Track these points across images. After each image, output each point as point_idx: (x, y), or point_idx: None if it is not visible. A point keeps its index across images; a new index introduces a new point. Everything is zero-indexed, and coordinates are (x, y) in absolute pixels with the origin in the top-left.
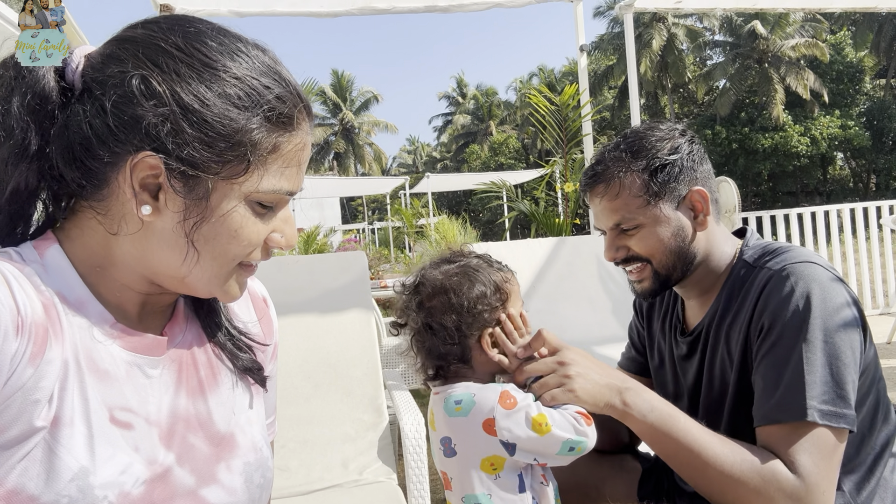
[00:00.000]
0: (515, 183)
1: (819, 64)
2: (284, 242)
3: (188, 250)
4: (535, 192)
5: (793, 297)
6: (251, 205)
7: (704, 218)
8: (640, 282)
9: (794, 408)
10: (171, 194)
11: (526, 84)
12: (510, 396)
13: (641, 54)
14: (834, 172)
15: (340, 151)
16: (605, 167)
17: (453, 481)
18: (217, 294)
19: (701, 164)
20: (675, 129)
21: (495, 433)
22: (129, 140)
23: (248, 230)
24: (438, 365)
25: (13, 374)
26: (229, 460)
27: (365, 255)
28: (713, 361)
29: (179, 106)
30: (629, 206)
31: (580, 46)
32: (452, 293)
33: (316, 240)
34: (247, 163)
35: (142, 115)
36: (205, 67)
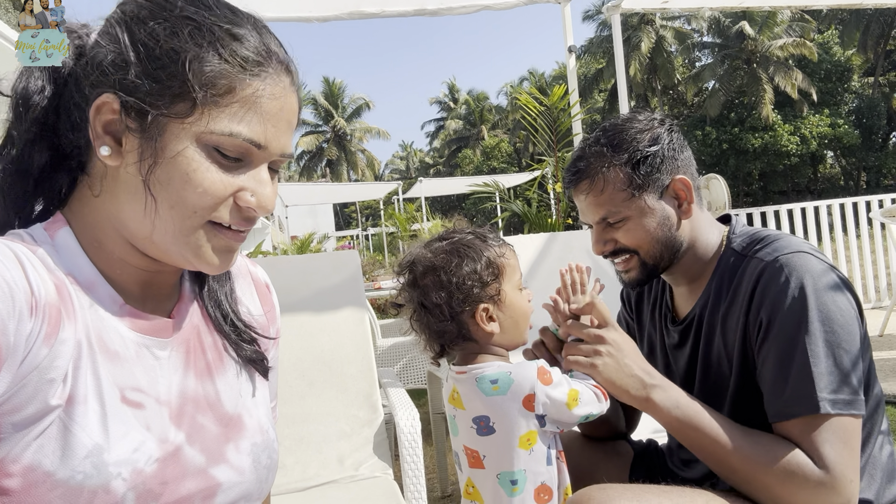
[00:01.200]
0: (508, 186)
1: (807, 63)
2: (255, 203)
3: (146, 197)
4: (527, 193)
5: (788, 290)
6: (206, 149)
7: (689, 206)
8: (627, 272)
9: (806, 401)
10: (129, 135)
11: (517, 88)
12: (546, 371)
13: (630, 57)
14: (824, 171)
15: (333, 158)
16: (588, 163)
17: (486, 459)
18: (191, 258)
19: (681, 152)
20: (653, 119)
21: (533, 408)
22: (95, 85)
23: (202, 176)
24: (441, 342)
25: (29, 353)
26: (237, 441)
27: (357, 254)
28: (708, 350)
29: (131, 42)
30: (614, 201)
31: (569, 47)
32: (442, 271)
33: (310, 247)
34: (193, 98)
35: (101, 59)
36: (162, 9)
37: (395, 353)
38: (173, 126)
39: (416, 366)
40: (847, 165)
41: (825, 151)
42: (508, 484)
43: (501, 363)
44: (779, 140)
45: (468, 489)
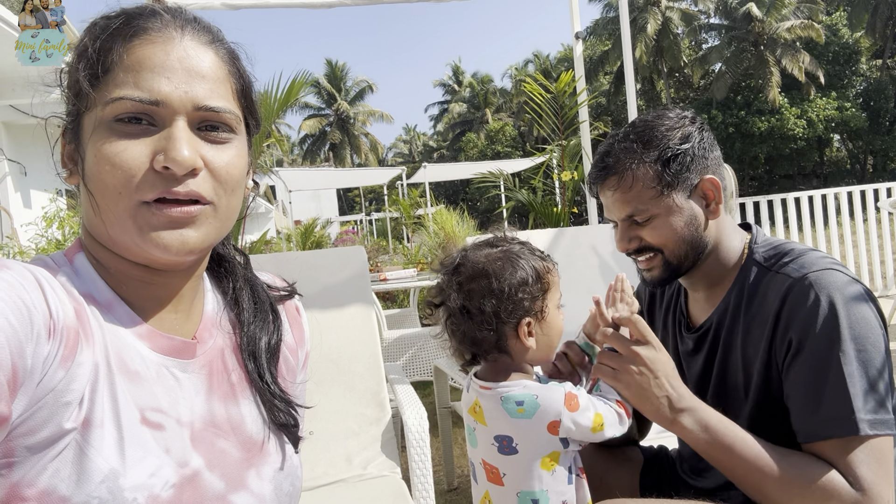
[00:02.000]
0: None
1: (815, 45)
2: (168, 161)
3: (89, 197)
4: (532, 181)
5: (819, 309)
6: (106, 125)
7: (717, 206)
8: (649, 270)
9: (845, 423)
10: (73, 152)
11: (521, 71)
12: (574, 397)
13: (637, 39)
14: (831, 154)
15: (336, 142)
16: (617, 159)
17: (506, 477)
18: (138, 243)
19: (711, 152)
20: (684, 117)
21: (558, 433)
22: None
23: (108, 151)
24: (473, 351)
25: (45, 376)
26: (260, 467)
27: (364, 250)
28: (726, 362)
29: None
30: (642, 198)
31: (576, 33)
32: (494, 277)
33: (313, 232)
34: (84, 90)
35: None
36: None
37: (401, 344)
38: (85, 120)
39: (422, 357)
40: (854, 149)
41: (832, 135)
42: (529, 502)
43: (528, 383)
44: (785, 123)
45: (484, 502)
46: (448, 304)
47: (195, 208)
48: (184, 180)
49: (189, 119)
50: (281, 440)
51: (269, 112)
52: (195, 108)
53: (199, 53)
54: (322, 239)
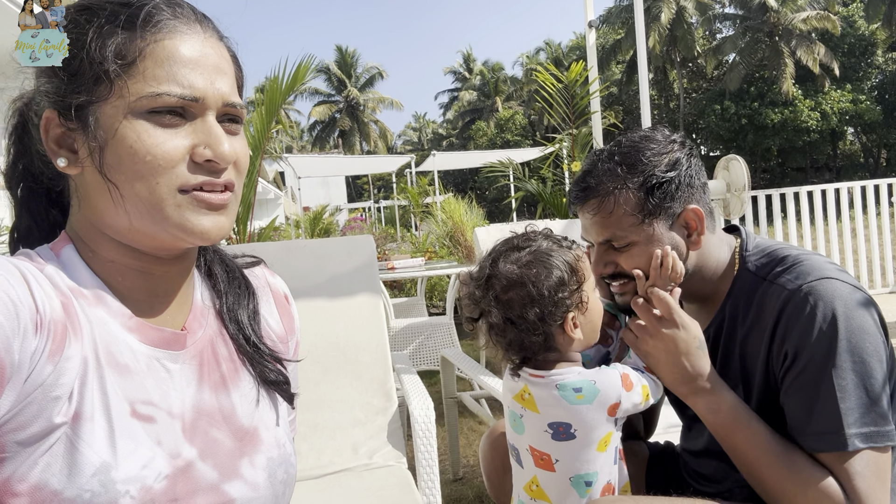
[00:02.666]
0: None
1: (830, 37)
2: (210, 154)
3: (109, 187)
4: (541, 171)
5: (815, 321)
6: (143, 116)
7: (698, 237)
8: (622, 295)
9: (833, 439)
10: (76, 139)
11: (532, 59)
12: (628, 377)
13: (650, 28)
14: (844, 147)
15: (345, 129)
16: (599, 181)
17: (559, 462)
18: (177, 233)
19: (698, 179)
20: (673, 142)
21: (616, 413)
22: (39, 110)
23: (145, 143)
24: (523, 355)
25: (33, 371)
26: (252, 455)
27: (373, 239)
28: (724, 373)
29: None
30: (622, 224)
31: (588, 22)
32: (531, 285)
33: (322, 218)
34: (106, 74)
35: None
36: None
37: (408, 334)
38: (104, 109)
39: (429, 347)
40: (867, 142)
41: (845, 128)
42: (583, 485)
43: (580, 369)
44: (799, 115)
45: (531, 486)
46: (489, 318)
47: (228, 195)
48: (222, 171)
49: (217, 113)
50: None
51: (275, 96)
52: (224, 104)
53: (219, 49)
54: (330, 226)
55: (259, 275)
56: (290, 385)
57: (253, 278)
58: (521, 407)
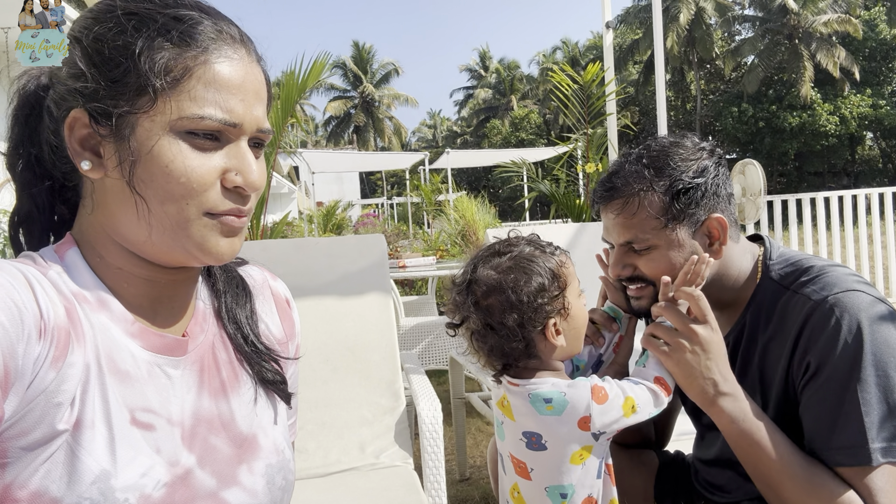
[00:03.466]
0: (536, 160)
1: (851, 41)
2: (241, 181)
3: (135, 199)
4: (555, 171)
5: (840, 334)
6: (179, 136)
7: (720, 247)
8: (638, 299)
9: (858, 452)
10: (105, 144)
11: (549, 58)
12: (601, 390)
13: (668, 28)
14: (863, 153)
15: (360, 125)
16: (625, 181)
17: (534, 472)
18: (196, 252)
19: (724, 189)
20: (702, 149)
21: (589, 428)
22: (61, 107)
23: (181, 165)
24: (504, 362)
25: (36, 377)
26: (251, 462)
27: (384, 239)
28: (742, 381)
29: (82, 53)
30: (644, 227)
31: (606, 23)
32: (510, 291)
33: (335, 214)
34: (152, 89)
35: (63, 74)
36: (105, 13)
37: (417, 332)
38: (142, 121)
39: (438, 346)
40: (887, 148)
41: (865, 133)
42: (558, 497)
43: (556, 380)
44: (817, 119)
45: (514, 493)
46: (469, 324)
47: (246, 219)
48: (248, 198)
49: (249, 138)
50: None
51: (291, 92)
52: (257, 131)
53: (258, 75)
54: (343, 221)
55: (259, 278)
56: (286, 385)
57: (252, 280)
58: (502, 414)
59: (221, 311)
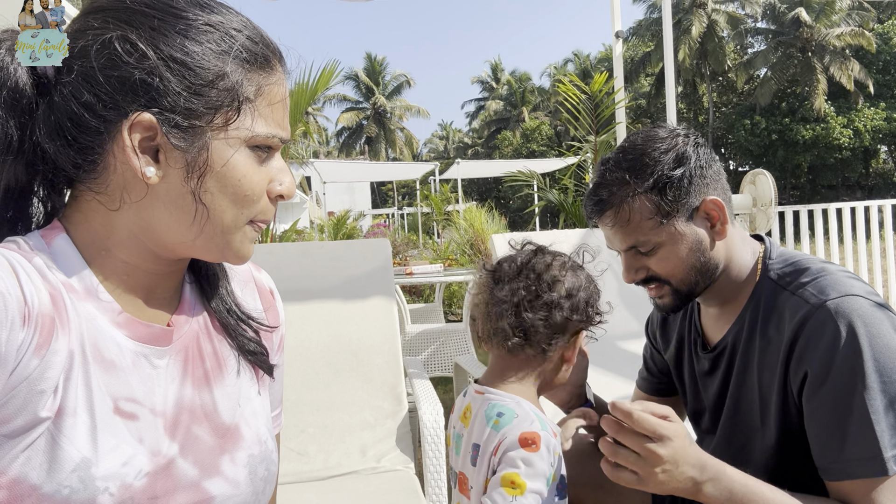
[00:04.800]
0: (546, 171)
1: (865, 54)
2: (285, 190)
3: (196, 208)
4: (562, 181)
5: (839, 342)
6: (250, 151)
7: (722, 226)
8: (660, 298)
9: (872, 463)
10: (171, 151)
11: (560, 70)
12: (533, 443)
13: (680, 41)
14: (877, 166)
15: (372, 136)
16: (610, 192)
17: (472, 490)
18: (228, 255)
19: (710, 168)
20: (677, 135)
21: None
22: (120, 103)
23: (251, 178)
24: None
25: (19, 364)
26: (233, 452)
27: (389, 243)
28: (741, 383)
29: (162, 59)
30: (642, 230)
31: (616, 32)
32: (580, 286)
33: (346, 223)
34: (237, 106)
35: (129, 74)
36: (177, 19)
37: (423, 339)
38: (220, 135)
39: (443, 353)
40: None
41: (879, 146)
42: None
43: (523, 400)
44: (831, 133)
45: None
46: (520, 282)
47: None
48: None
49: None
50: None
51: (300, 100)
52: (286, 142)
53: (287, 92)
54: (354, 231)
55: (243, 269)
56: (268, 356)
57: (234, 272)
58: (463, 426)
59: (207, 287)
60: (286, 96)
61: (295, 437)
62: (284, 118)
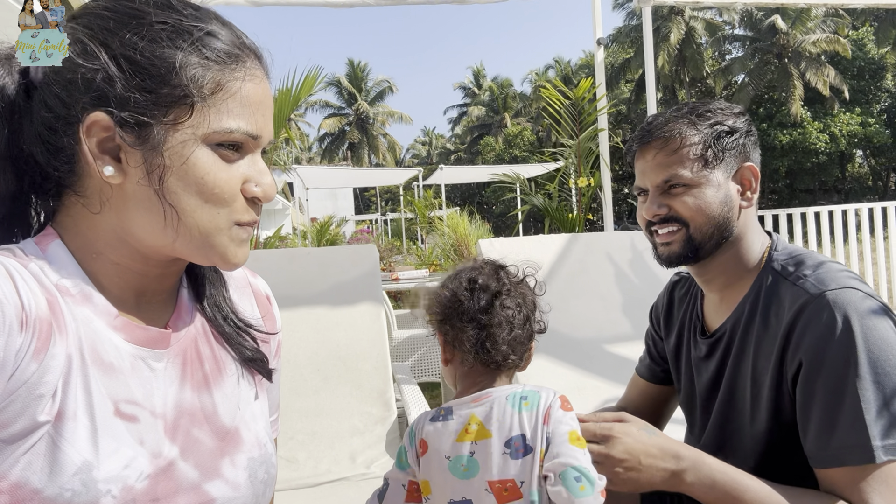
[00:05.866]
0: (529, 176)
1: (840, 60)
2: (261, 193)
3: (164, 208)
4: (547, 187)
5: (835, 331)
6: (211, 148)
7: (752, 195)
8: (668, 244)
9: (861, 450)
10: (129, 151)
11: (542, 76)
12: (569, 402)
13: (659, 48)
14: (853, 170)
15: (355, 141)
16: (667, 121)
17: (524, 485)
18: (214, 258)
19: (755, 148)
20: (735, 109)
21: (548, 423)
22: (72, 104)
23: (215, 177)
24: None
25: (17, 369)
26: (234, 455)
27: (376, 249)
28: (736, 369)
29: (112, 57)
30: (685, 163)
31: (597, 39)
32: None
33: (329, 229)
34: (190, 101)
35: (79, 76)
36: (132, 19)
37: (410, 345)
38: (175, 132)
39: (430, 358)
40: (876, 165)
41: (854, 150)
42: (573, 481)
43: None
44: (807, 137)
45: None
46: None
47: (253, 227)
48: (261, 207)
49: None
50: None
51: (283, 106)
52: (268, 143)
53: (269, 90)
54: (337, 237)
55: (239, 275)
56: (267, 362)
57: (232, 278)
58: (473, 443)
59: (202, 293)
60: (262, 93)
61: (284, 444)
62: (256, 115)
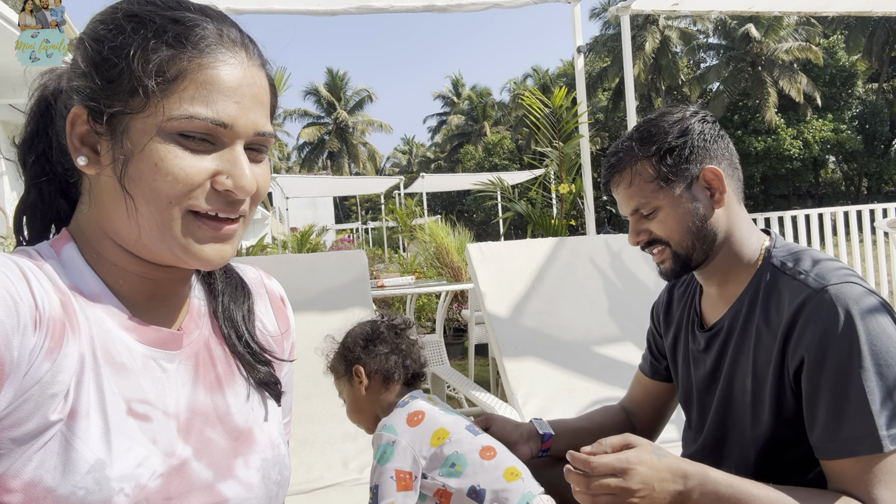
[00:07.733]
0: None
1: (812, 67)
2: (231, 185)
3: (125, 197)
4: (529, 193)
5: (837, 325)
6: (170, 137)
7: (721, 195)
8: (662, 262)
9: (868, 441)
10: (101, 141)
11: (520, 85)
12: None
13: (635, 56)
14: (826, 176)
15: (334, 150)
16: (619, 158)
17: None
18: (180, 254)
19: (714, 143)
20: (687, 112)
21: None
22: (68, 103)
23: (170, 164)
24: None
25: (31, 368)
26: (247, 455)
27: (365, 255)
28: (735, 365)
29: (83, 54)
30: (643, 192)
31: (577, 48)
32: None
33: (309, 239)
34: (144, 89)
35: (68, 78)
36: (107, 15)
37: None
38: (135, 121)
39: None
40: (849, 171)
41: (827, 156)
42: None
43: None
44: (781, 144)
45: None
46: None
47: (237, 225)
48: (240, 203)
49: (246, 142)
50: (270, 432)
51: None
52: (255, 134)
53: (260, 79)
54: (318, 246)
55: (254, 277)
56: (280, 385)
57: (247, 279)
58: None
59: (218, 310)
60: (237, 81)
61: None
62: (226, 103)
